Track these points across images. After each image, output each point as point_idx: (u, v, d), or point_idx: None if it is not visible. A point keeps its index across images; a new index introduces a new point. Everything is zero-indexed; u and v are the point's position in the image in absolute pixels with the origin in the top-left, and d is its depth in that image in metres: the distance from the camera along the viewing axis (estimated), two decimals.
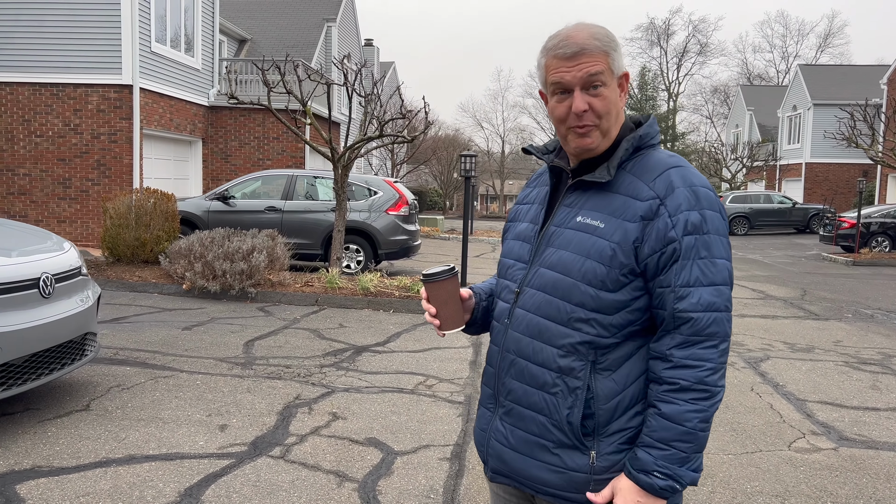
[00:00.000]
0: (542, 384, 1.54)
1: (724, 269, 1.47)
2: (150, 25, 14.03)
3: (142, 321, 7.45)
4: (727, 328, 1.46)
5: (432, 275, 1.65)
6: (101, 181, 13.67)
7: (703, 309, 1.44)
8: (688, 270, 1.45)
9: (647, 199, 1.48)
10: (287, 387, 5.34)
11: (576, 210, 1.56)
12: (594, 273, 1.49)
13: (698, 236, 1.45)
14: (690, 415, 1.42)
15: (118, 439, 4.18)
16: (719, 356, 1.45)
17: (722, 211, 1.49)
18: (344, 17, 24.47)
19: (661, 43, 64.30)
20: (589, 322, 1.49)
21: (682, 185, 1.48)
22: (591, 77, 1.49)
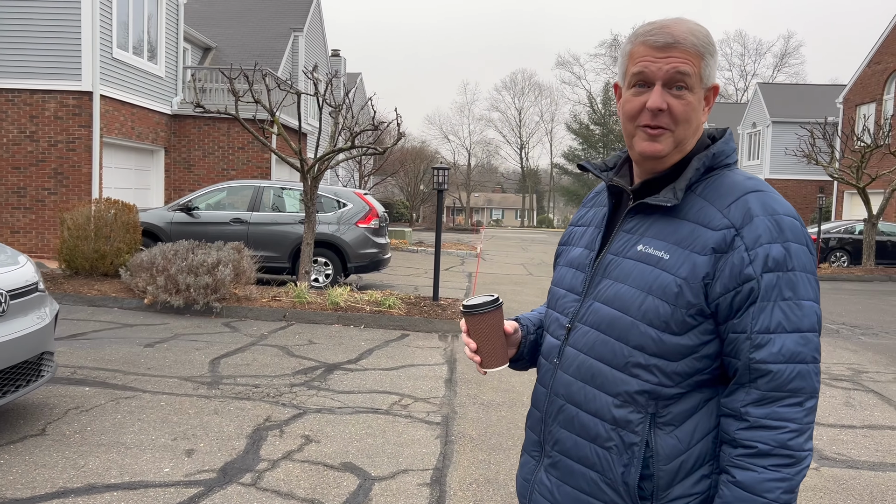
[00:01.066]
0: (594, 436, 1.36)
1: (812, 312, 1.26)
2: (112, 31, 13.65)
3: (101, 337, 7.13)
4: (815, 383, 1.25)
5: (474, 306, 1.47)
6: (58, 190, 13.21)
7: (786, 360, 1.23)
8: (767, 314, 1.24)
9: (721, 228, 1.28)
10: (256, 408, 5.13)
11: (637, 237, 1.38)
12: (656, 312, 1.30)
13: (781, 274, 1.25)
14: (771, 484, 1.21)
15: (77, 467, 3.93)
16: (805, 415, 1.24)
17: (810, 244, 1.29)
18: (311, 26, 24.26)
19: None
20: (649, 368, 1.31)
21: (763, 212, 1.28)
22: (677, 74, 1.31)
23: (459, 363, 6.83)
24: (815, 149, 19.59)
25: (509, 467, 4.24)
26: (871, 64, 25.80)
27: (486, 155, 74.31)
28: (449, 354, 7.19)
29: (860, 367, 7.38)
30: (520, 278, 15.04)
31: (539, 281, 14.61)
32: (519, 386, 6.06)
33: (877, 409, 5.81)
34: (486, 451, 4.50)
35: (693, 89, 1.33)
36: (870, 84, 25.84)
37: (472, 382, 6.13)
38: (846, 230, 19.89)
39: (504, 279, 14.64)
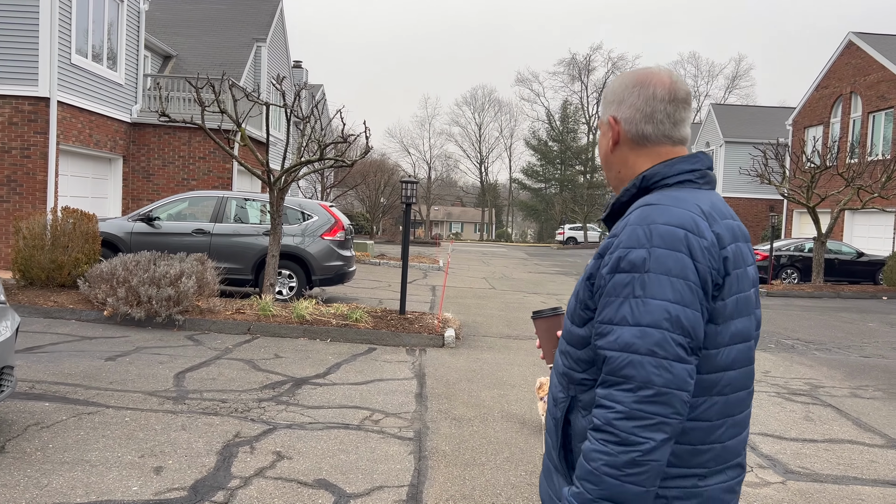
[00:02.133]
0: (551, 407, 1.61)
1: (659, 311, 1.35)
2: (71, 36, 13.34)
3: (59, 351, 6.91)
4: (649, 375, 1.32)
5: (538, 312, 1.86)
6: (10, 198, 12.79)
7: (619, 349, 1.36)
8: (613, 308, 1.39)
9: (613, 236, 1.47)
10: (225, 423, 5.03)
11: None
12: (571, 308, 1.55)
13: (636, 275, 1.37)
14: (596, 454, 1.35)
15: (39, 486, 3.79)
16: (635, 402, 1.33)
17: (690, 254, 1.38)
18: (274, 37, 24.09)
19: (582, 78, 66.56)
20: (566, 354, 1.55)
21: (638, 222, 1.42)
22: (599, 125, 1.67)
23: (429, 377, 6.81)
24: (767, 169, 20.22)
25: (484, 483, 4.24)
26: (819, 88, 26.78)
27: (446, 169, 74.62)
28: (418, 368, 7.17)
29: (817, 381, 7.60)
30: (483, 292, 15.10)
31: (502, 294, 14.69)
32: (489, 400, 6.07)
33: (835, 423, 5.99)
34: (460, 466, 4.49)
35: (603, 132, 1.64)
36: (818, 108, 26.81)
37: (442, 397, 6.12)
38: (796, 248, 20.52)
39: (467, 293, 14.68)
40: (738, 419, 1.50)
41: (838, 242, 21.03)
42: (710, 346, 1.43)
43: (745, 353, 1.49)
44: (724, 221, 1.48)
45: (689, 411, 1.42)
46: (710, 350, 1.43)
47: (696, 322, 1.37)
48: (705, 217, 1.43)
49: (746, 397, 1.52)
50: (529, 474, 4.42)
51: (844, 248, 20.49)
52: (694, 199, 1.46)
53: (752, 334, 1.52)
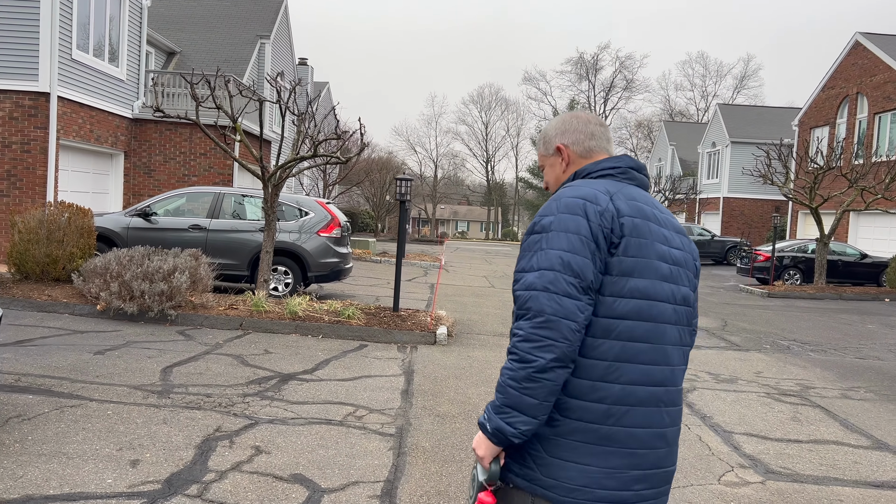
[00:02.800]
0: None
1: (553, 257, 1.68)
2: (72, 32, 13.39)
3: (49, 344, 6.94)
4: (542, 305, 1.64)
5: None
6: (10, 193, 12.86)
7: (524, 288, 1.69)
8: (526, 260, 1.74)
9: None
10: (207, 417, 5.04)
11: None
12: None
13: (545, 234, 1.73)
14: (505, 370, 1.69)
15: (14, 477, 3.81)
16: (531, 327, 1.65)
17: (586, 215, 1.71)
18: (278, 34, 24.13)
19: (590, 77, 66.40)
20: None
21: (553, 198, 1.79)
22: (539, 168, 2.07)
23: (417, 374, 6.81)
24: (770, 169, 20.11)
25: (460, 479, 4.23)
26: (826, 89, 26.62)
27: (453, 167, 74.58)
28: (407, 366, 7.17)
29: (808, 382, 7.56)
30: (482, 290, 15.08)
31: (501, 293, 14.67)
32: (475, 398, 6.06)
33: (822, 423, 5.96)
34: (438, 462, 4.48)
35: (545, 166, 2.03)
36: (824, 108, 26.65)
37: (428, 394, 6.11)
38: (799, 249, 20.41)
39: (466, 291, 14.66)
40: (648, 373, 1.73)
41: (842, 244, 20.91)
42: (606, 294, 1.71)
43: (646, 310, 1.73)
44: (632, 202, 1.79)
45: (588, 350, 1.70)
46: (605, 296, 1.71)
47: (584, 266, 1.68)
48: (609, 194, 1.77)
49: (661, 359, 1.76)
50: None
51: (848, 250, 20.37)
52: (604, 185, 1.80)
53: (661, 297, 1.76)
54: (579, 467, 1.69)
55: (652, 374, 1.74)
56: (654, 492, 1.75)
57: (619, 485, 1.70)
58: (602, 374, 1.70)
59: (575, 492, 1.69)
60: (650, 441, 1.73)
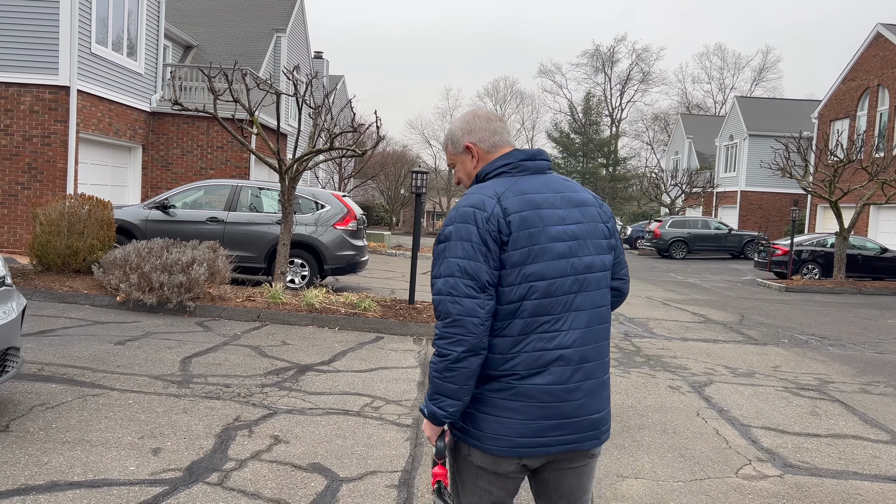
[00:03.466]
0: None
1: (453, 265, 1.96)
2: (91, 26, 13.51)
3: (71, 334, 7.04)
4: (448, 307, 1.95)
5: None
6: (31, 185, 13.02)
7: (435, 293, 2.00)
8: (435, 268, 2.02)
9: None
10: (226, 407, 5.09)
11: None
12: None
13: (448, 243, 2.00)
14: (431, 365, 2.00)
15: (39, 464, 3.88)
16: (444, 327, 1.96)
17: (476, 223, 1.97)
18: (294, 28, 24.19)
19: (606, 70, 65.95)
20: None
21: (454, 207, 2.04)
22: (449, 166, 2.28)
23: None
24: (789, 162, 19.91)
25: None
26: (846, 81, 26.29)
27: None
28: (423, 357, 7.20)
29: (827, 377, 7.50)
30: None
31: None
32: None
33: (841, 418, 5.92)
34: None
35: (455, 164, 2.24)
36: (844, 100, 26.33)
37: None
38: (818, 243, 20.21)
39: None
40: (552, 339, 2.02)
41: (862, 238, 20.67)
42: (504, 285, 1.99)
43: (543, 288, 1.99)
44: (522, 196, 2.03)
45: (497, 332, 1.99)
46: (503, 287, 1.99)
47: (478, 269, 1.95)
48: (496, 196, 2.01)
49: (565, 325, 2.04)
50: None
51: (868, 244, 20.14)
52: (494, 186, 2.05)
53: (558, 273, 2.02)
54: (500, 419, 2.00)
55: (556, 340, 2.01)
56: (577, 437, 2.04)
57: (533, 433, 2.00)
58: (509, 347, 2.00)
59: (498, 440, 2.01)
60: (563, 395, 2.01)
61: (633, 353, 8.19)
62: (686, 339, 9.36)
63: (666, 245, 28.49)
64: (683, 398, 6.26)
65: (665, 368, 7.47)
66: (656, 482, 4.24)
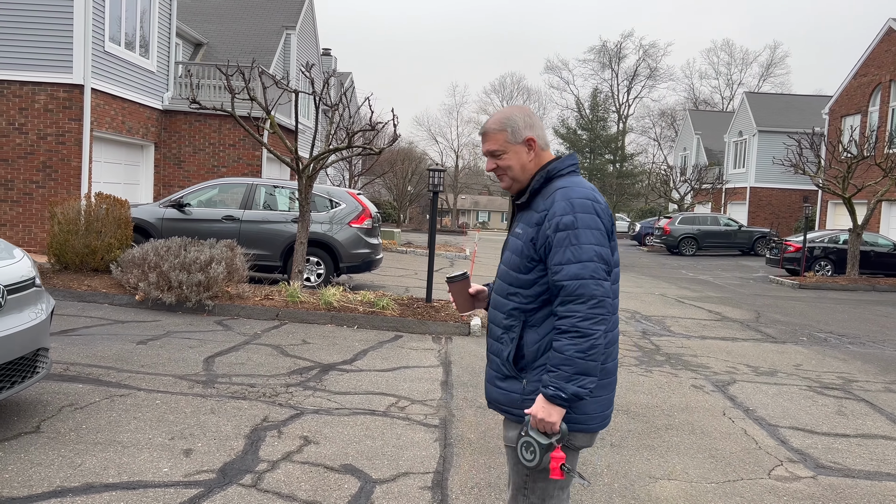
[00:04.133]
0: (496, 337, 2.38)
1: (590, 251, 2.14)
2: (105, 24, 13.52)
3: (93, 334, 7.05)
4: (593, 290, 2.11)
5: (450, 277, 2.60)
6: (46, 184, 13.05)
7: (570, 279, 2.12)
8: (560, 254, 2.15)
9: (541, 211, 2.25)
10: (253, 407, 5.09)
11: (516, 224, 2.39)
12: (517, 262, 2.30)
13: (570, 231, 2.15)
14: (568, 347, 2.10)
15: (73, 465, 3.88)
16: (588, 308, 2.10)
17: (597, 214, 2.19)
18: (303, 25, 24.15)
19: (613, 66, 65.74)
20: (516, 295, 2.30)
21: (561, 199, 2.20)
22: (488, 153, 2.38)
23: (455, 365, 6.82)
24: (802, 159, 19.80)
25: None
26: (858, 76, 26.12)
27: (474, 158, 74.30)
28: (444, 356, 7.19)
29: (850, 376, 7.46)
30: None
31: None
32: None
33: (868, 417, 5.88)
34: (486, 454, 4.49)
35: (506, 151, 2.33)
36: (855, 96, 26.16)
37: (468, 385, 6.12)
38: (830, 240, 20.11)
39: None
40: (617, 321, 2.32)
41: (875, 234, 20.55)
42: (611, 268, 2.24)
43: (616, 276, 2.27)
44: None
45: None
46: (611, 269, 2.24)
47: (608, 254, 2.19)
48: (595, 191, 2.27)
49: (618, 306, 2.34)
50: None
51: (881, 240, 20.03)
52: (585, 181, 2.30)
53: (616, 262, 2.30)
54: (598, 398, 2.26)
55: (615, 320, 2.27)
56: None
57: (609, 405, 2.32)
58: (612, 327, 2.22)
59: (600, 418, 2.28)
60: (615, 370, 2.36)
61: (653, 352, 8.15)
62: (705, 338, 9.32)
63: (676, 241, 28.40)
64: (708, 398, 6.23)
65: (686, 367, 7.43)
66: (689, 483, 4.22)
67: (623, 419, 5.43)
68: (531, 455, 2.15)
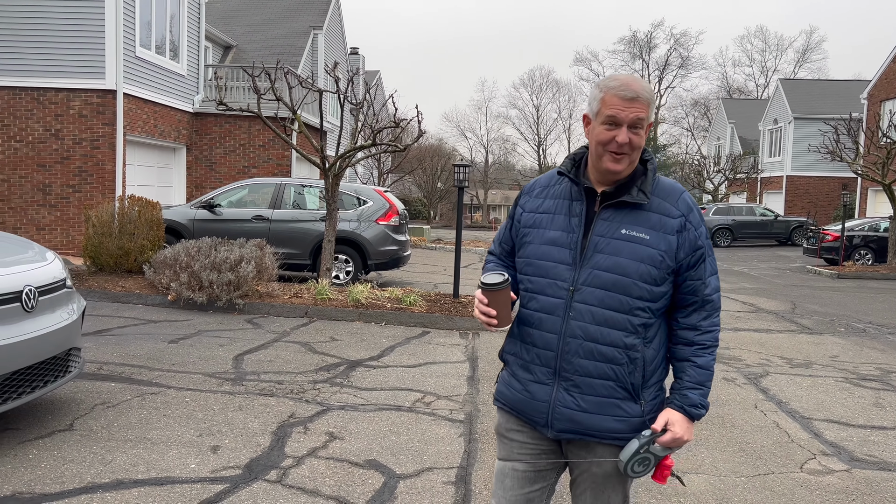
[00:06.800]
0: (611, 359, 2.01)
1: (715, 263, 2.10)
2: (135, 30, 13.77)
3: (126, 333, 7.20)
4: (719, 303, 2.10)
5: (493, 284, 2.00)
6: (82, 188, 13.35)
7: (714, 291, 2.07)
8: (708, 266, 2.05)
9: (677, 216, 2.01)
10: (280, 404, 5.14)
11: (616, 224, 2.01)
12: (649, 273, 1.98)
13: (709, 242, 2.07)
14: (712, 363, 2.06)
15: (104, 462, 3.96)
16: (717, 319, 2.09)
17: None
18: (330, 24, 24.31)
19: (644, 56, 64.86)
20: (645, 309, 2.00)
21: (694, 206, 2.05)
22: (638, 120, 1.95)
23: (481, 361, 6.81)
24: (839, 145, 19.31)
25: None
26: None
27: (504, 152, 74.10)
28: (470, 352, 7.18)
29: (889, 367, 7.26)
30: None
31: None
32: None
33: None
34: None
35: (644, 127, 1.97)
36: (895, 80, 25.41)
37: (494, 380, 6.10)
38: (871, 227, 19.59)
39: None
40: None
41: None
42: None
43: None
44: None
45: None
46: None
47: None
48: None
49: None
50: None
51: None
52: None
53: None
54: None
55: None
56: None
57: None
58: None
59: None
60: None
61: None
62: (738, 329, 9.15)
63: (710, 233, 27.95)
64: (740, 390, 6.11)
65: (718, 360, 7.31)
66: (718, 477, 4.15)
67: None
68: (643, 468, 2.05)
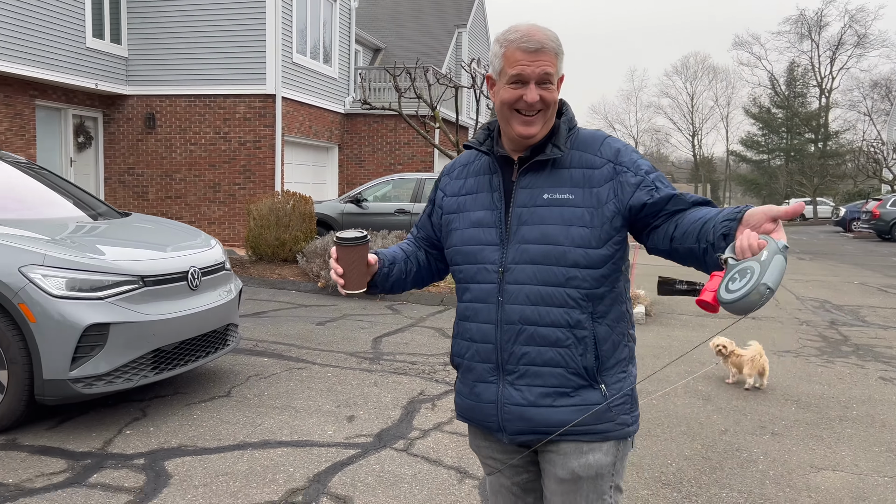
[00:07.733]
0: (554, 341, 1.73)
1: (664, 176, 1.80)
2: (292, 38, 14.84)
3: (280, 316, 7.87)
4: None
5: (347, 239, 1.77)
6: (246, 185, 14.62)
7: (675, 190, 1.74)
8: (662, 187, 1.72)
9: (602, 164, 1.73)
10: (412, 382, 5.44)
11: (538, 190, 1.75)
12: (580, 236, 1.70)
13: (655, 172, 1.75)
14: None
15: (255, 425, 4.43)
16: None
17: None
18: (474, 22, 24.74)
19: (813, 35, 59.83)
20: (585, 278, 1.71)
21: (622, 147, 1.77)
22: (546, 75, 1.69)
23: None
24: None
25: (655, 452, 4.18)
26: None
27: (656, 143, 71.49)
28: None
29: None
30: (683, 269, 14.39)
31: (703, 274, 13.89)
32: (674, 376, 5.90)
33: None
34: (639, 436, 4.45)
35: (554, 82, 1.71)
36: None
37: None
38: None
39: (665, 270, 14.10)
40: None
41: None
42: None
43: None
44: None
45: None
46: None
47: None
48: None
49: None
50: (706, 448, 4.27)
51: None
52: None
53: None
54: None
55: None
56: None
57: None
58: None
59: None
60: None
61: (840, 343, 7.48)
62: None
63: (888, 226, 25.37)
64: (894, 388, 5.64)
65: (877, 359, 6.75)
66: (857, 476, 3.90)
67: (790, 409, 5.10)
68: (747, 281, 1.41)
